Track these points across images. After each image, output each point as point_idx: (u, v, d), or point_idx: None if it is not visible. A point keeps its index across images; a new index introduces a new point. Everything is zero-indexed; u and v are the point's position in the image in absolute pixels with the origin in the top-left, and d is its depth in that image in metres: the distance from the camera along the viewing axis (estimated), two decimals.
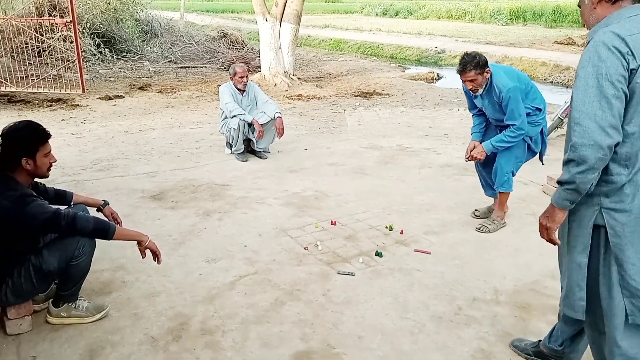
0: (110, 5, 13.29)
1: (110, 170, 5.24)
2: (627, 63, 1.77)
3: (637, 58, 1.77)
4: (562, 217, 1.98)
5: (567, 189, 1.90)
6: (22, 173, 2.49)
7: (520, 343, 2.60)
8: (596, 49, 1.80)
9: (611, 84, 1.77)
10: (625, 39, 1.77)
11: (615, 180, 1.87)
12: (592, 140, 1.78)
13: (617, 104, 1.78)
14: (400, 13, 39.62)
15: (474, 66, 3.54)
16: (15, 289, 2.52)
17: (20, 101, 8.72)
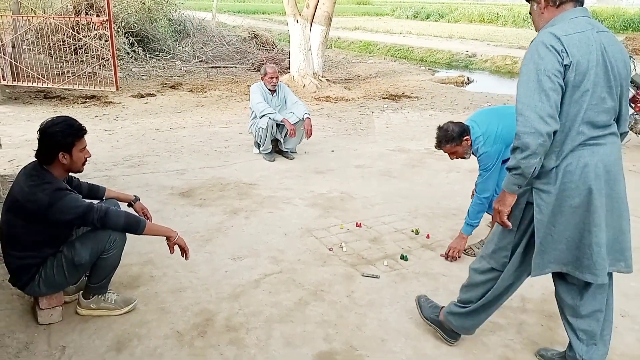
0: (144, 5, 13.54)
1: (141, 167, 5.34)
2: (562, 59, 1.99)
3: (570, 55, 1.99)
4: (512, 200, 2.21)
5: (514, 174, 2.10)
6: (58, 167, 2.56)
7: (546, 352, 2.57)
8: (536, 48, 2.03)
9: (548, 78, 1.99)
10: (561, 38, 2.00)
11: (545, 165, 2.11)
12: (533, 128, 1.99)
13: (554, 95, 2.00)
14: (431, 16, 39.30)
15: (448, 141, 3.39)
16: (48, 279, 2.60)
17: (55, 97, 8.96)
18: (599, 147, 2.10)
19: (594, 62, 2.01)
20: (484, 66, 17.01)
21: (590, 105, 2.04)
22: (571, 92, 2.03)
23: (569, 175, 2.09)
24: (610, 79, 2.06)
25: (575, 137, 2.07)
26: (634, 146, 6.69)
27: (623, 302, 3.08)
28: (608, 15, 29.56)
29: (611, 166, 2.13)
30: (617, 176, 2.17)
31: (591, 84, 2.02)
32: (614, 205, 2.16)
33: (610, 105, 2.09)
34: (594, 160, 2.08)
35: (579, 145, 2.08)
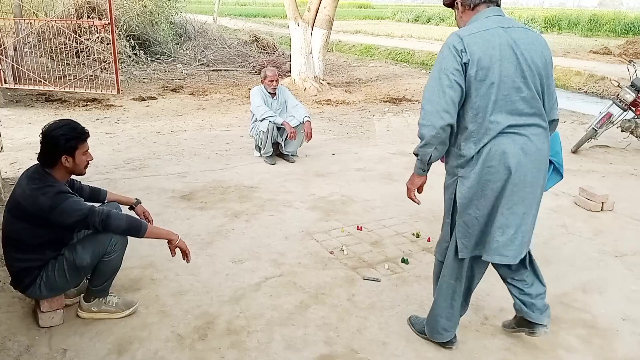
0: (146, 8, 13.58)
1: (142, 170, 5.35)
2: (461, 58, 2.15)
3: (469, 53, 2.14)
4: (419, 181, 2.55)
5: (417, 159, 2.42)
6: (61, 170, 2.56)
7: (507, 323, 2.76)
8: (442, 48, 2.23)
9: (447, 76, 2.17)
10: (463, 38, 2.17)
11: (465, 154, 2.27)
12: (429, 121, 2.21)
13: (450, 92, 2.17)
14: (432, 19, 39.39)
15: None
16: (49, 282, 2.60)
17: (57, 100, 8.97)
18: (520, 137, 2.21)
19: (498, 56, 2.14)
20: None
21: (500, 96, 2.16)
22: (477, 86, 2.17)
23: (489, 161, 2.22)
24: (523, 69, 2.16)
25: (490, 126, 2.19)
26: (634, 150, 6.69)
27: (625, 306, 3.08)
28: (609, 20, 29.60)
29: (532, 155, 2.23)
30: (539, 166, 2.27)
31: (496, 77, 2.14)
32: (527, 194, 2.28)
33: (527, 94, 2.19)
34: (514, 148, 2.19)
35: (498, 133, 2.20)
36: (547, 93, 2.28)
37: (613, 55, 17.05)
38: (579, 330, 2.82)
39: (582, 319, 2.93)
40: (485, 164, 2.23)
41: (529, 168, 2.23)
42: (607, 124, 6.49)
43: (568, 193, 4.92)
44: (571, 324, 2.89)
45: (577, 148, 6.51)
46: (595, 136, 6.48)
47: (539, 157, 2.26)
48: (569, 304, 3.08)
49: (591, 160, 6.21)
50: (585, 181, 5.25)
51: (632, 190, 5.13)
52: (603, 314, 3.00)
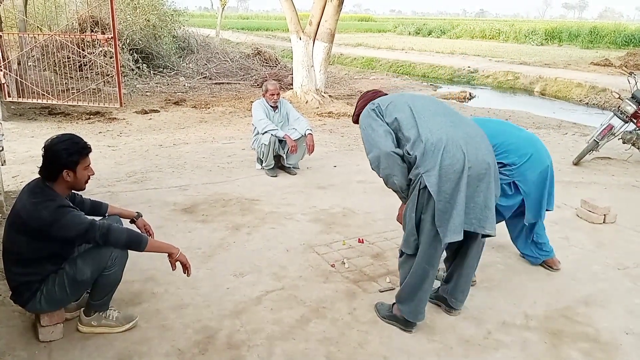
0: (149, 22, 13.70)
1: (144, 183, 5.36)
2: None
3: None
4: (404, 205, 2.87)
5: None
6: (62, 184, 2.57)
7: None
8: None
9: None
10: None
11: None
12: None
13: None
14: (433, 32, 39.61)
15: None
16: (50, 296, 2.59)
17: (60, 113, 9.03)
18: None
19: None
20: (486, 82, 17.10)
21: None
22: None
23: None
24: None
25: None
26: (636, 161, 6.68)
27: (628, 320, 3.05)
28: (609, 31, 29.73)
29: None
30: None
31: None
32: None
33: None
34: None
35: None
36: None
37: (614, 67, 17.11)
38: (582, 344, 2.80)
39: (585, 333, 2.90)
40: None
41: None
42: (609, 135, 6.49)
43: (570, 205, 4.91)
44: (573, 337, 2.86)
45: (579, 160, 6.51)
46: (596, 148, 6.48)
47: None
48: (572, 317, 3.06)
49: (593, 172, 6.20)
50: (587, 193, 5.24)
51: (634, 202, 5.11)
52: (606, 327, 2.97)
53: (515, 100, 14.01)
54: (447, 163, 2.56)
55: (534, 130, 8.69)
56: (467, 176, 2.57)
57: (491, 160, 2.69)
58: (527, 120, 9.76)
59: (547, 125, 9.52)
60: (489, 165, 2.66)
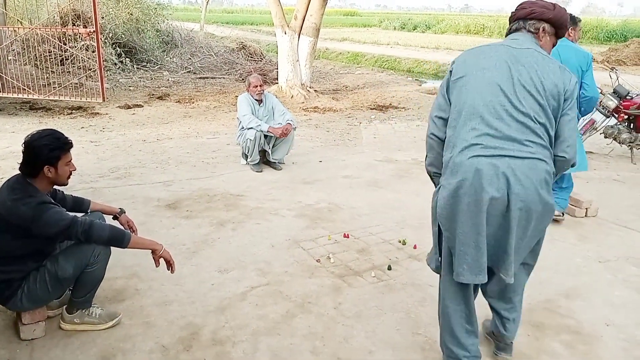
0: (132, 16, 13.54)
1: (127, 179, 5.30)
2: (450, 69, 2.33)
3: (455, 63, 2.31)
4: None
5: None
6: (43, 180, 2.53)
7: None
8: None
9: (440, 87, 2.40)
10: (462, 53, 2.36)
11: (443, 160, 2.29)
12: (428, 129, 2.46)
13: (439, 98, 2.37)
14: (418, 27, 39.73)
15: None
16: (31, 294, 2.56)
17: (41, 108, 8.89)
18: (498, 158, 2.14)
19: (483, 65, 2.21)
20: None
21: (478, 104, 2.18)
22: (455, 91, 2.30)
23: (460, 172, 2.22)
24: (514, 86, 2.14)
25: (463, 135, 2.22)
26: (617, 156, 6.78)
27: (608, 312, 3.10)
28: (591, 27, 30.09)
29: (514, 182, 2.12)
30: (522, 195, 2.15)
31: (474, 83, 2.20)
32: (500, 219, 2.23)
33: (514, 112, 2.13)
34: (489, 168, 2.12)
35: (472, 145, 2.19)
36: (551, 124, 2.16)
37: (596, 62, 17.28)
38: (564, 336, 2.84)
39: (567, 325, 2.94)
40: (454, 176, 2.17)
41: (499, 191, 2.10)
42: (591, 130, 6.56)
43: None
44: (555, 329, 2.90)
45: None
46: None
47: (524, 185, 2.10)
48: (553, 309, 3.10)
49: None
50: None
51: (615, 196, 5.19)
52: (587, 319, 3.02)
53: None
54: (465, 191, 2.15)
55: None
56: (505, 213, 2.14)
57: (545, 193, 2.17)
58: None
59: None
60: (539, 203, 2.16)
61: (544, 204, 2.15)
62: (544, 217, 2.21)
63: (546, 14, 2.27)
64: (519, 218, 2.13)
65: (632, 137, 6.49)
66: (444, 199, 2.23)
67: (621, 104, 6.44)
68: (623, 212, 4.76)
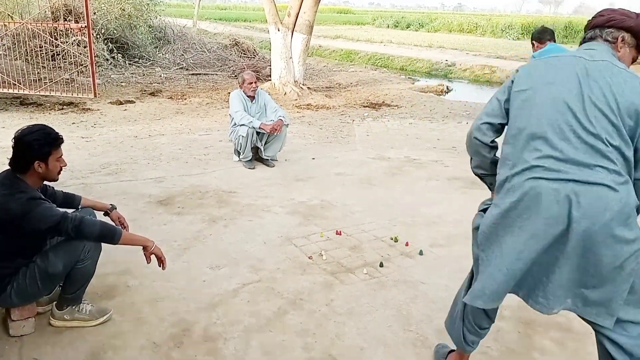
0: (124, 11, 13.45)
1: (118, 175, 5.28)
2: (513, 77, 2.17)
3: (520, 71, 2.16)
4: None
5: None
6: (33, 176, 2.51)
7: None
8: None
9: (497, 91, 2.23)
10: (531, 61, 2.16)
11: (498, 178, 2.06)
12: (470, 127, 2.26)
13: (494, 102, 2.20)
14: (411, 25, 39.79)
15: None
16: (20, 290, 2.54)
17: (32, 104, 8.82)
18: (563, 182, 1.88)
19: (552, 78, 1.99)
20: (463, 75, 17.24)
21: (544, 121, 1.95)
22: (517, 103, 2.09)
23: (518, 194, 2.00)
24: (584, 103, 1.89)
25: (525, 155, 1.99)
26: None
27: None
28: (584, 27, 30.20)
29: (579, 209, 1.87)
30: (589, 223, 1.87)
31: (541, 98, 1.98)
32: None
33: (581, 132, 1.88)
34: (551, 193, 1.88)
35: (534, 167, 1.97)
36: (628, 146, 1.88)
37: None
38: (554, 334, 2.86)
39: (557, 322, 2.96)
40: (509, 195, 1.96)
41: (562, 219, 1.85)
42: None
43: None
44: (546, 327, 2.92)
45: None
46: None
47: (588, 214, 1.82)
48: None
49: None
50: None
51: None
52: (577, 317, 3.03)
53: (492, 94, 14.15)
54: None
55: None
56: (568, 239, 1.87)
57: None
58: None
59: None
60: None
61: (617, 240, 1.82)
62: (621, 255, 1.83)
63: (627, 22, 2.06)
64: (578, 248, 1.86)
65: None
66: (492, 216, 2.02)
67: None
68: None
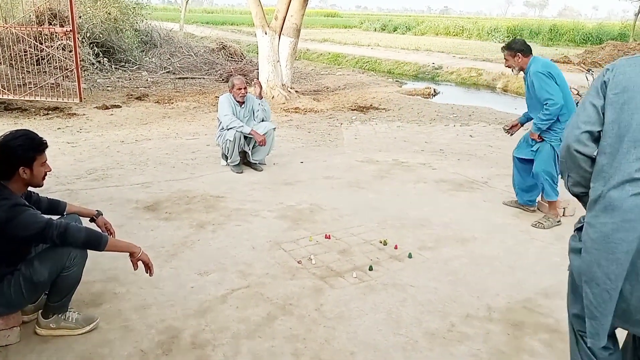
0: (110, 15, 13.36)
1: (105, 180, 5.22)
2: (603, 75, 1.87)
3: (613, 71, 1.84)
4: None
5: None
6: (17, 182, 2.48)
7: None
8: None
9: (588, 94, 1.92)
10: (620, 59, 1.87)
11: (591, 194, 1.86)
12: (563, 140, 1.96)
13: (588, 108, 1.88)
14: (398, 29, 39.98)
15: (507, 47, 4.41)
16: (5, 299, 2.50)
17: (17, 109, 8.72)
18: None
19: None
20: (450, 78, 17.34)
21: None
22: (615, 109, 1.82)
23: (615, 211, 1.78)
24: None
25: (622, 166, 1.77)
26: None
27: None
28: (568, 30, 30.62)
29: None
30: None
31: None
32: None
33: None
34: None
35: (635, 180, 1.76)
36: None
37: (572, 64, 17.59)
38: (543, 335, 2.87)
39: (546, 324, 2.98)
40: (609, 215, 1.74)
41: None
42: None
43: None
44: (534, 328, 2.93)
45: None
46: None
47: None
48: (532, 308, 3.13)
49: None
50: None
51: None
52: (566, 318, 3.03)
53: (479, 97, 14.26)
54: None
55: (496, 125, 8.86)
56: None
57: None
58: (489, 116, 9.94)
59: (509, 121, 9.71)
60: None
61: None
62: None
63: None
64: None
65: None
66: (592, 241, 1.78)
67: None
68: None
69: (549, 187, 4.37)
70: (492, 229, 4.34)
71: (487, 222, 4.46)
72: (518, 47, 4.33)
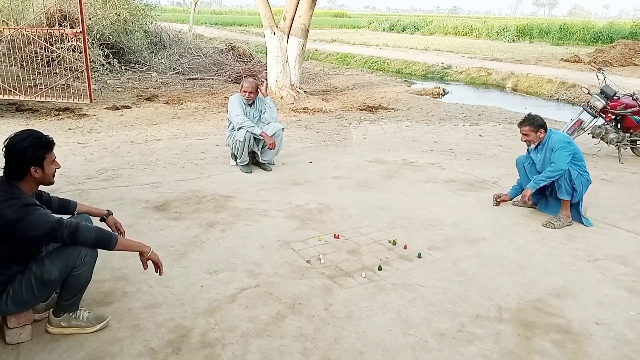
0: (120, 16, 13.44)
1: (115, 180, 5.25)
2: None
3: None
4: None
5: None
6: (29, 182, 2.50)
7: None
8: None
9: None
10: None
11: None
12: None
13: None
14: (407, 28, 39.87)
15: (529, 123, 4.46)
16: (16, 297, 2.52)
17: (28, 110, 8.79)
18: None
19: None
20: (459, 78, 17.28)
21: None
22: None
23: None
24: None
25: None
26: (605, 155, 6.83)
27: (598, 310, 3.11)
28: (578, 29, 30.36)
29: None
30: None
31: None
32: None
33: None
34: None
35: None
36: None
37: (583, 63, 17.46)
38: (554, 335, 2.84)
39: (557, 324, 2.95)
40: None
41: None
42: (578, 130, 6.62)
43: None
44: (545, 329, 2.91)
45: None
46: None
47: None
48: (543, 309, 3.11)
49: None
50: None
51: (603, 196, 5.22)
52: (577, 318, 3.03)
53: (488, 96, 14.20)
54: None
55: (506, 125, 8.82)
56: None
57: None
58: (499, 116, 9.89)
59: (519, 121, 9.66)
60: None
61: None
62: None
63: None
64: None
65: (620, 137, 6.55)
66: None
67: (608, 104, 6.50)
68: (611, 212, 4.79)
69: (564, 183, 4.32)
70: (502, 229, 4.31)
71: (496, 222, 4.44)
72: (540, 122, 4.45)
